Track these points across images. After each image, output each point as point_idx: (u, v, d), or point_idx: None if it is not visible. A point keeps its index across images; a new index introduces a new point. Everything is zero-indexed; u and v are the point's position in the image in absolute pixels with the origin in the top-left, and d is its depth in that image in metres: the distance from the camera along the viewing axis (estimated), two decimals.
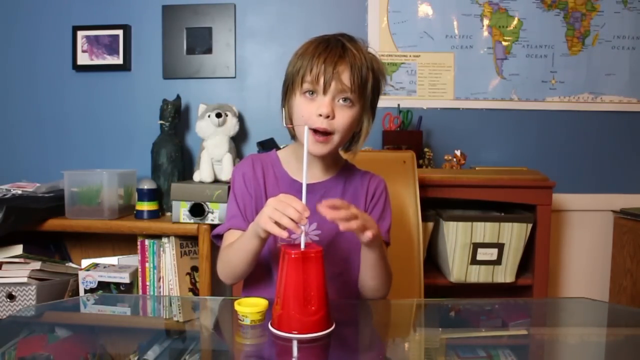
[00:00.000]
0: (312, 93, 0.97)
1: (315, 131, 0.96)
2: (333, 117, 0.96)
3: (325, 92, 0.95)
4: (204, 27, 1.95)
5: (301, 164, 1.06)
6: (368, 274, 1.02)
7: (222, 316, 0.95)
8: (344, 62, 0.95)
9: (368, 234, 0.89)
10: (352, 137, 1.04)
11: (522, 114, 1.97)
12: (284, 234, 0.84)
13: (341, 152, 1.13)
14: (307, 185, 1.06)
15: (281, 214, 0.84)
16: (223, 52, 1.96)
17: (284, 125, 1.05)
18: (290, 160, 1.09)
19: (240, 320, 0.85)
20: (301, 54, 0.99)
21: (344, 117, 0.97)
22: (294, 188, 1.06)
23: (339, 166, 1.11)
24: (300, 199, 0.98)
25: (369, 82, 0.98)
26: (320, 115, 0.95)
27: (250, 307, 0.85)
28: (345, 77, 0.95)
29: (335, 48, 0.96)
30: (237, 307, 0.85)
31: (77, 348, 0.86)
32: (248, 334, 0.84)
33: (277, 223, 0.85)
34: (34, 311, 1.13)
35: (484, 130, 1.97)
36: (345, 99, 0.96)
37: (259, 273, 1.07)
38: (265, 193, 1.06)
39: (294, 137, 1.07)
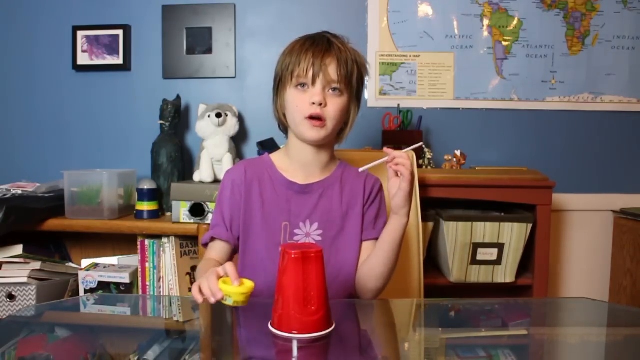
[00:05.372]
0: (303, 85, 1.03)
1: (311, 118, 1.02)
2: (325, 105, 1.02)
3: (314, 83, 1.01)
4: (204, 27, 1.95)
5: (296, 165, 1.08)
6: (380, 258, 1.03)
7: (222, 316, 0.95)
8: (331, 56, 1.02)
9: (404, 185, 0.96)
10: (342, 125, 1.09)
11: (522, 114, 1.97)
12: (199, 299, 0.81)
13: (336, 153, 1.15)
14: (306, 185, 1.08)
15: (203, 285, 0.82)
16: (223, 52, 1.96)
17: (276, 117, 1.11)
18: (285, 163, 1.11)
19: (224, 300, 0.79)
20: (289, 52, 1.05)
21: (334, 104, 1.03)
22: (291, 189, 1.07)
23: (334, 165, 1.13)
24: (297, 199, 1.06)
25: (354, 74, 1.05)
26: (314, 103, 1.01)
27: (235, 286, 0.79)
28: (332, 69, 1.02)
29: (321, 43, 1.03)
30: (221, 285, 0.79)
31: (77, 348, 0.86)
32: (248, 335, 0.84)
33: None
34: (34, 311, 1.13)
35: (484, 130, 1.97)
36: (334, 89, 1.03)
37: (258, 273, 1.07)
38: (261, 197, 1.08)
39: (286, 131, 1.12)
